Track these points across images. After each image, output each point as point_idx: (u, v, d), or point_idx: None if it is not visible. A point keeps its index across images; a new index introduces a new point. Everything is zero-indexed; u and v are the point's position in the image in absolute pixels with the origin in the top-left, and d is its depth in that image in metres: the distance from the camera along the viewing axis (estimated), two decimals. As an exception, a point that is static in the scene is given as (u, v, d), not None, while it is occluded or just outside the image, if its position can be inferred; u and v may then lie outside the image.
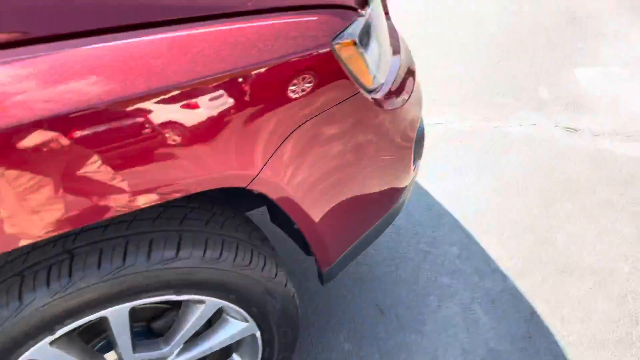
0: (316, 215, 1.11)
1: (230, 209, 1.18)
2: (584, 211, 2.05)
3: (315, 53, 0.96)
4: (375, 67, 1.15)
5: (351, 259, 1.41)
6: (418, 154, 1.37)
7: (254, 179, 0.96)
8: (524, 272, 1.85)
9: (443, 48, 2.94)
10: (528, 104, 2.56)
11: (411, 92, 1.27)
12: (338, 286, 1.82)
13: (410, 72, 1.34)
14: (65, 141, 0.75)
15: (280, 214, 1.13)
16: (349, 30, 1.02)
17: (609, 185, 2.15)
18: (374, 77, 1.13)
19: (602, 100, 2.56)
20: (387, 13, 1.47)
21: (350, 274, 1.85)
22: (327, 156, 1.07)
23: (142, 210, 1.03)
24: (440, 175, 2.21)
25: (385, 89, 1.18)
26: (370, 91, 1.12)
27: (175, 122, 0.84)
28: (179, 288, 1.05)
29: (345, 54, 1.01)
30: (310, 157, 1.03)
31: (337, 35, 0.99)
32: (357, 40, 1.03)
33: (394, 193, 1.35)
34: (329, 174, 1.09)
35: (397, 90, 1.22)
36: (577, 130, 2.40)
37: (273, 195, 1.01)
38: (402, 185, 1.35)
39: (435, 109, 2.55)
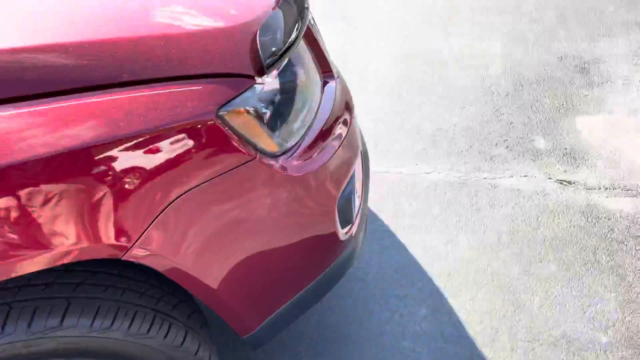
0: (214, 283, 1.08)
1: (144, 273, 1.17)
2: (567, 273, 1.92)
3: (199, 122, 0.95)
4: (283, 131, 1.13)
5: (285, 323, 1.37)
6: (346, 215, 1.32)
7: (128, 249, 0.94)
8: (493, 338, 1.73)
9: (445, 95, 2.88)
10: (522, 154, 2.45)
11: (335, 152, 1.23)
12: (294, 344, 1.76)
13: (340, 131, 1.30)
14: None
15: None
16: (241, 98, 1.00)
17: (599, 245, 2.01)
18: (280, 141, 1.11)
19: (602, 152, 2.43)
20: (328, 71, 1.44)
21: (309, 331, 1.79)
22: (221, 223, 1.04)
23: (37, 275, 1.03)
24: (421, 228, 2.14)
25: (297, 152, 1.15)
26: (274, 156, 1.09)
27: (37, 192, 0.84)
28: (68, 357, 1.03)
29: (237, 121, 1.00)
30: (199, 224, 1.01)
31: (226, 103, 0.98)
32: (250, 108, 1.02)
33: (321, 257, 1.30)
34: (224, 242, 1.06)
35: (314, 152, 1.19)
36: (571, 184, 2.28)
37: (155, 265, 0.99)
38: (330, 249, 1.30)
39: (426, 159, 2.48)
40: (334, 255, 1.33)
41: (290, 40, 1.15)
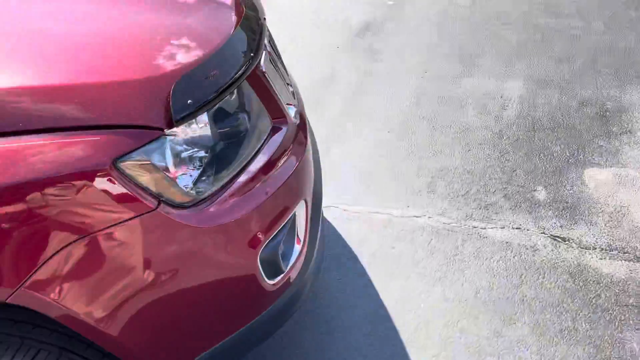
0: (113, 330, 1.08)
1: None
2: (540, 338, 1.81)
3: (93, 172, 0.97)
4: (203, 180, 1.13)
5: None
6: (274, 266, 1.30)
7: (12, 293, 0.96)
8: (447, 401, 1.66)
9: (453, 135, 2.82)
10: (520, 204, 2.35)
11: (261, 203, 1.22)
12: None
13: (276, 180, 1.29)
14: None
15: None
16: (144, 149, 1.02)
17: (581, 311, 1.89)
18: (195, 191, 1.11)
19: (605, 208, 2.29)
20: (280, 117, 1.43)
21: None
22: (117, 272, 1.05)
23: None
24: (396, 275, 2.08)
25: (216, 201, 1.15)
26: (184, 206, 1.10)
27: None
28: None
29: (138, 172, 1.02)
30: (93, 272, 1.04)
31: (126, 154, 1.00)
32: (153, 159, 1.03)
33: (243, 308, 1.29)
34: (122, 290, 1.07)
35: (236, 202, 1.18)
36: (564, 241, 2.16)
37: (45, 310, 1.01)
38: (253, 300, 1.29)
39: (419, 202, 2.42)
40: (261, 306, 1.32)
41: (217, 92, 1.16)
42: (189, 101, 1.08)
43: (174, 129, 1.07)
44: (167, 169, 1.06)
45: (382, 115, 3.06)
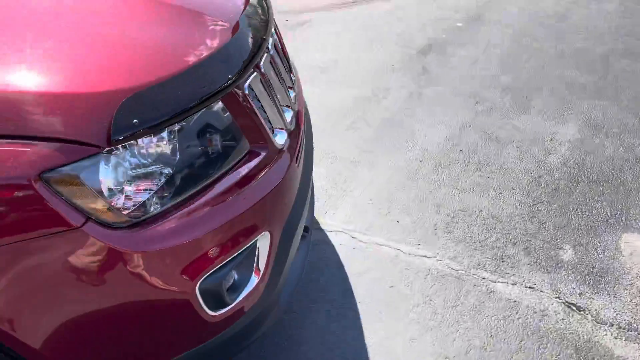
0: (35, 343, 1.07)
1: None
2: (524, 415, 1.65)
3: (15, 183, 0.96)
4: (141, 202, 1.10)
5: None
6: (218, 298, 1.24)
7: None
8: None
9: (487, 175, 2.66)
10: (540, 262, 2.17)
11: (210, 231, 1.18)
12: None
13: (238, 208, 1.24)
14: None
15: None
16: (76, 165, 1.00)
17: (578, 392, 1.70)
18: (127, 212, 1.09)
19: (636, 281, 2.06)
20: (261, 142, 1.38)
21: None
22: (32, 286, 1.04)
23: None
24: (387, 317, 1.97)
25: (158, 225, 1.12)
26: (117, 227, 1.07)
27: None
28: None
29: (65, 188, 1.00)
30: (12, 282, 1.02)
31: (55, 168, 0.98)
32: (84, 175, 1.02)
33: (179, 337, 1.24)
34: (44, 305, 1.06)
35: (181, 226, 1.14)
36: (579, 311, 1.96)
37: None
38: (192, 330, 1.24)
39: (432, 241, 2.29)
40: (201, 337, 1.27)
41: (177, 112, 1.13)
42: (134, 120, 1.05)
43: (118, 147, 1.04)
44: (100, 187, 1.04)
45: (420, 142, 2.94)
